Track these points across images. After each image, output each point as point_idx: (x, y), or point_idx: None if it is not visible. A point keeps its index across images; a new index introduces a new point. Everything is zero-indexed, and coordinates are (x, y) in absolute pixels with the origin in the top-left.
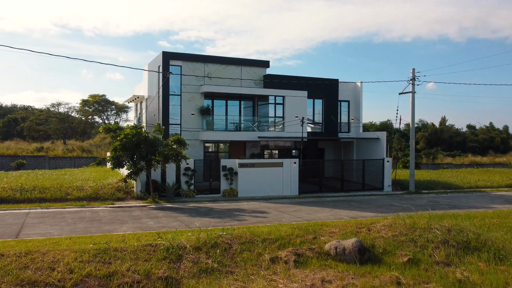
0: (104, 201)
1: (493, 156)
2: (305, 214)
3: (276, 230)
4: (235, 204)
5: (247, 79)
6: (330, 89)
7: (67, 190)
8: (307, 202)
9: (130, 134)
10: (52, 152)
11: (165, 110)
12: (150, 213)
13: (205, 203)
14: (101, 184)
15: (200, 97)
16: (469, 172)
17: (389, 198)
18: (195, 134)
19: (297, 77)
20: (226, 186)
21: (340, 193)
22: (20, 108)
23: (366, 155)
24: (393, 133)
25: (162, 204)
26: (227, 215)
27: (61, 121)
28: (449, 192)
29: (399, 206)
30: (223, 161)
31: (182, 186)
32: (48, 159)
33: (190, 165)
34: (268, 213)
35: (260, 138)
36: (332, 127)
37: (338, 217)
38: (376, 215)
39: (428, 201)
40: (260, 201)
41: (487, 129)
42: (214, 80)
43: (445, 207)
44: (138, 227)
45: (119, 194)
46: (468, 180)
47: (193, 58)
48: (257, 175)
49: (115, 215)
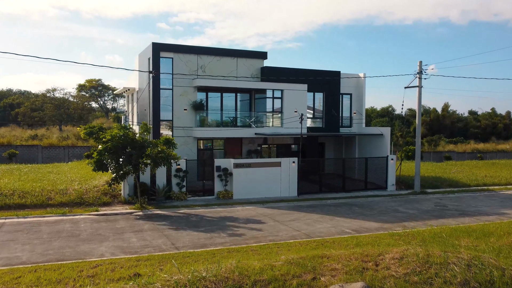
0: (89, 207)
1: (496, 143)
2: (304, 225)
3: (270, 267)
4: (229, 210)
5: (243, 71)
6: (331, 82)
7: (49, 195)
8: (307, 207)
9: (116, 136)
10: (47, 140)
11: (155, 106)
12: (135, 225)
13: (197, 209)
14: (87, 186)
15: (193, 92)
16: (475, 165)
17: (393, 200)
18: (188, 131)
19: (297, 69)
20: (220, 188)
21: (341, 194)
22: (16, 92)
23: (369, 151)
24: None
25: (151, 210)
26: (218, 227)
27: (56, 107)
28: (455, 191)
29: (405, 213)
30: (217, 161)
31: (173, 189)
32: (41, 148)
33: (182, 165)
34: (264, 223)
35: (257, 135)
36: (333, 122)
37: (339, 230)
38: (381, 225)
39: (435, 204)
40: (256, 205)
41: (490, 115)
42: (208, 73)
43: (454, 214)
44: (118, 246)
45: (105, 198)
46: (475, 177)
47: (186, 49)
48: (254, 176)
49: (96, 227)
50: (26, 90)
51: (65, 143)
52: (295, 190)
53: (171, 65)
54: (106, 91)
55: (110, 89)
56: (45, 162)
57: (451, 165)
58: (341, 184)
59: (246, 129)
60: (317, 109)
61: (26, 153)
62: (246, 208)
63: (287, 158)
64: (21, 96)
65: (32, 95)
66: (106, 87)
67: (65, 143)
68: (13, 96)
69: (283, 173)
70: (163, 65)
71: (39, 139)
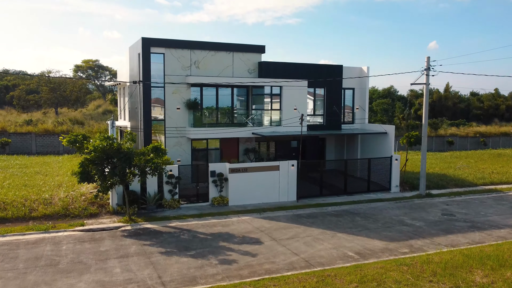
0: (74, 220)
1: (498, 125)
2: (303, 245)
3: None
4: (224, 222)
5: (240, 67)
6: (333, 76)
7: (32, 205)
8: (306, 217)
9: (99, 147)
10: (42, 126)
11: (146, 106)
12: (121, 246)
13: (189, 220)
14: (73, 194)
15: (186, 89)
16: (480, 157)
17: (397, 206)
18: (182, 131)
19: (296, 64)
20: (215, 194)
21: (343, 197)
22: (12, 73)
23: (372, 149)
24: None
25: (140, 223)
26: (211, 249)
27: (52, 90)
28: (462, 192)
29: (411, 226)
30: (212, 165)
31: (165, 196)
32: (35, 136)
33: (174, 171)
34: (260, 243)
35: (255, 135)
36: (335, 119)
37: (341, 253)
38: (386, 246)
39: (442, 212)
40: (253, 215)
41: (493, 95)
42: (202, 69)
43: (463, 227)
44: (99, 281)
45: (92, 209)
46: (482, 174)
47: (178, 44)
48: (251, 181)
49: (79, 250)
50: (21, 71)
51: (60, 129)
52: (294, 194)
53: (163, 61)
54: (103, 72)
55: (107, 70)
56: (39, 150)
57: (456, 158)
58: (342, 185)
59: (243, 128)
60: (318, 104)
61: (19, 141)
62: (242, 220)
63: (286, 161)
64: (17, 77)
65: (28, 76)
66: (104, 68)
67: (60, 129)
68: (9, 77)
69: (281, 177)
70: (154, 61)
71: (34, 124)
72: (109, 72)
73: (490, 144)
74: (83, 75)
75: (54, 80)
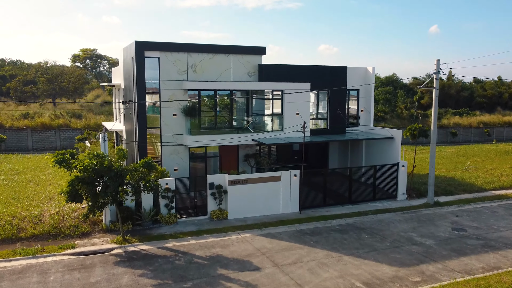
0: (64, 240)
1: (501, 114)
2: (307, 273)
3: None
4: (223, 243)
5: (239, 69)
6: (337, 79)
7: (21, 224)
8: (310, 234)
9: (88, 167)
10: (39, 119)
11: (141, 114)
12: (113, 277)
13: (186, 240)
14: (64, 211)
15: (183, 94)
16: (487, 155)
17: (405, 219)
18: (179, 138)
19: (299, 66)
20: (214, 206)
21: (348, 207)
22: (9, 62)
23: (377, 153)
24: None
25: (134, 244)
26: (208, 281)
27: (49, 81)
28: (471, 200)
29: (420, 245)
30: (210, 177)
31: (162, 211)
32: (31, 132)
33: (171, 184)
34: (260, 270)
35: (255, 142)
36: (338, 122)
37: (348, 284)
38: (395, 273)
39: (452, 226)
40: (254, 232)
41: (496, 83)
42: (200, 73)
43: (475, 247)
44: None
45: (84, 226)
46: (490, 177)
47: (174, 47)
48: (251, 192)
49: (67, 282)
50: (19, 60)
51: (58, 122)
52: (296, 205)
53: (158, 65)
54: (102, 61)
55: (106, 59)
56: (36, 146)
57: (462, 156)
58: (347, 192)
59: (242, 135)
60: (321, 107)
61: (15, 137)
62: (242, 238)
63: (288, 171)
64: (14, 66)
65: (25, 65)
66: (102, 57)
67: (58, 122)
68: (5, 67)
69: (283, 187)
70: (148, 66)
71: (31, 117)
72: (107, 62)
73: (494, 135)
74: (81, 65)
75: (51, 71)
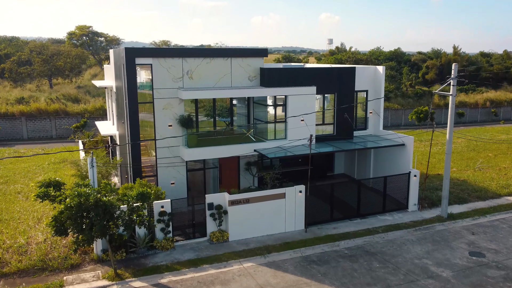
0: (52, 276)
1: (508, 91)
2: None
3: None
4: (223, 277)
5: (239, 74)
6: (344, 81)
7: (4, 257)
8: (317, 262)
9: (72, 204)
10: (34, 104)
11: (133, 127)
12: None
13: (184, 273)
14: (53, 240)
15: (178, 103)
16: (498, 148)
17: (418, 239)
18: (175, 150)
19: (303, 68)
20: (213, 228)
21: (356, 220)
22: (2, 39)
23: (387, 159)
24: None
25: (127, 280)
26: None
27: (45, 62)
28: (487, 211)
29: (436, 279)
30: (209, 197)
31: (157, 236)
32: (26, 121)
33: (166, 207)
34: None
35: (257, 152)
36: (346, 127)
37: None
38: None
39: (469, 250)
40: (257, 260)
41: (502, 57)
42: (197, 79)
43: (497, 281)
44: None
45: (74, 257)
46: (505, 180)
47: (168, 53)
48: (253, 211)
49: None
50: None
51: (54, 107)
52: (301, 223)
53: (150, 73)
54: (98, 39)
55: (102, 36)
56: (31, 136)
57: (473, 151)
58: (355, 203)
59: (243, 145)
60: (327, 111)
61: (9, 126)
62: (244, 269)
63: (293, 187)
64: (8, 44)
65: (21, 42)
66: (98, 34)
67: (54, 107)
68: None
69: (287, 205)
70: (140, 74)
71: (26, 102)
72: (104, 39)
73: (502, 115)
74: (77, 42)
75: (46, 52)
